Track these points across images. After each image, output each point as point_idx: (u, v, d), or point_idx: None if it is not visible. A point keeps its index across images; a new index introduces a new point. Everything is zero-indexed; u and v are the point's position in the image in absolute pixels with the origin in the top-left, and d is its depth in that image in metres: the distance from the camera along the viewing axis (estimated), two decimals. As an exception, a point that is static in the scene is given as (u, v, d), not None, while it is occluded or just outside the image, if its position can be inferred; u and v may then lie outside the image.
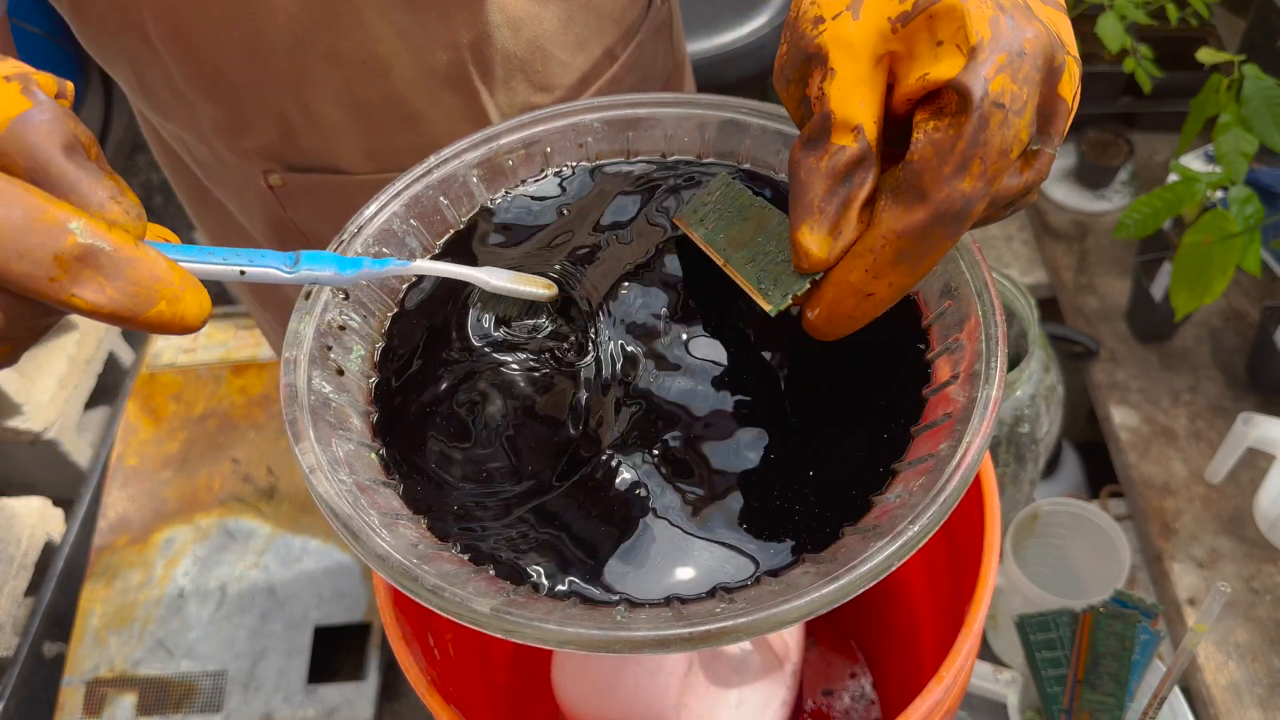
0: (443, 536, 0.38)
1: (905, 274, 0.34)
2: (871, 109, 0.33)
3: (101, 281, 0.27)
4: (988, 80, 0.31)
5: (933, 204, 0.32)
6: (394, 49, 0.54)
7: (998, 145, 0.32)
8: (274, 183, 0.62)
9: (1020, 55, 0.32)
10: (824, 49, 0.33)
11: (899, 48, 0.33)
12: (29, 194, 0.26)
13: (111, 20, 0.53)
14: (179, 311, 0.28)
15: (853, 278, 0.34)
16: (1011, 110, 0.31)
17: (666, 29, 0.70)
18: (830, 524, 0.38)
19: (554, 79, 0.61)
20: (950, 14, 0.32)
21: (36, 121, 0.27)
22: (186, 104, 0.58)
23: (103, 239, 0.27)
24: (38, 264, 0.26)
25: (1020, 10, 0.32)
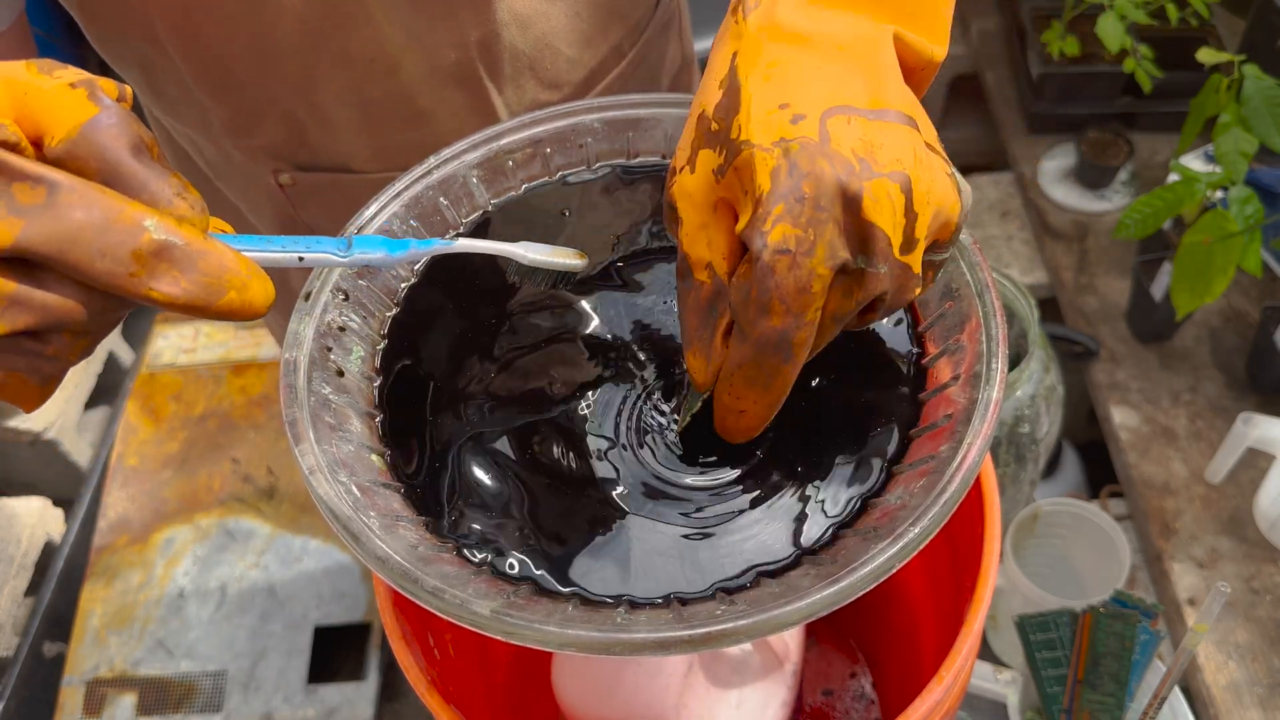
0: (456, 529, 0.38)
1: (760, 395, 0.36)
2: (719, 247, 0.36)
3: (176, 274, 0.29)
4: (765, 233, 0.33)
5: (751, 341, 0.34)
6: (402, 47, 0.54)
7: (791, 286, 0.33)
8: (283, 182, 0.62)
9: (799, 201, 0.33)
10: (673, 200, 0.37)
11: (727, 194, 0.35)
12: (105, 195, 0.27)
13: (121, 21, 0.53)
14: (247, 299, 0.30)
15: (724, 398, 0.37)
16: (799, 252, 0.33)
17: (675, 25, 0.70)
18: (831, 525, 0.38)
19: (562, 76, 0.61)
20: (745, 167, 0.34)
21: (105, 125, 0.29)
22: (196, 104, 0.58)
23: (175, 234, 0.28)
24: (118, 261, 0.28)
25: (808, 151, 0.33)
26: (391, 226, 0.46)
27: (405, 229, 0.46)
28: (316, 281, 0.43)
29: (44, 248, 0.27)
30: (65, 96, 0.29)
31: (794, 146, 0.33)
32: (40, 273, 0.28)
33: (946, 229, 0.36)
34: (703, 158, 0.36)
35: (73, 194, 0.27)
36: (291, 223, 0.66)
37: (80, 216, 0.27)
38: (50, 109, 0.29)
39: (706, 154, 0.36)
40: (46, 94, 0.29)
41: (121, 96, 0.30)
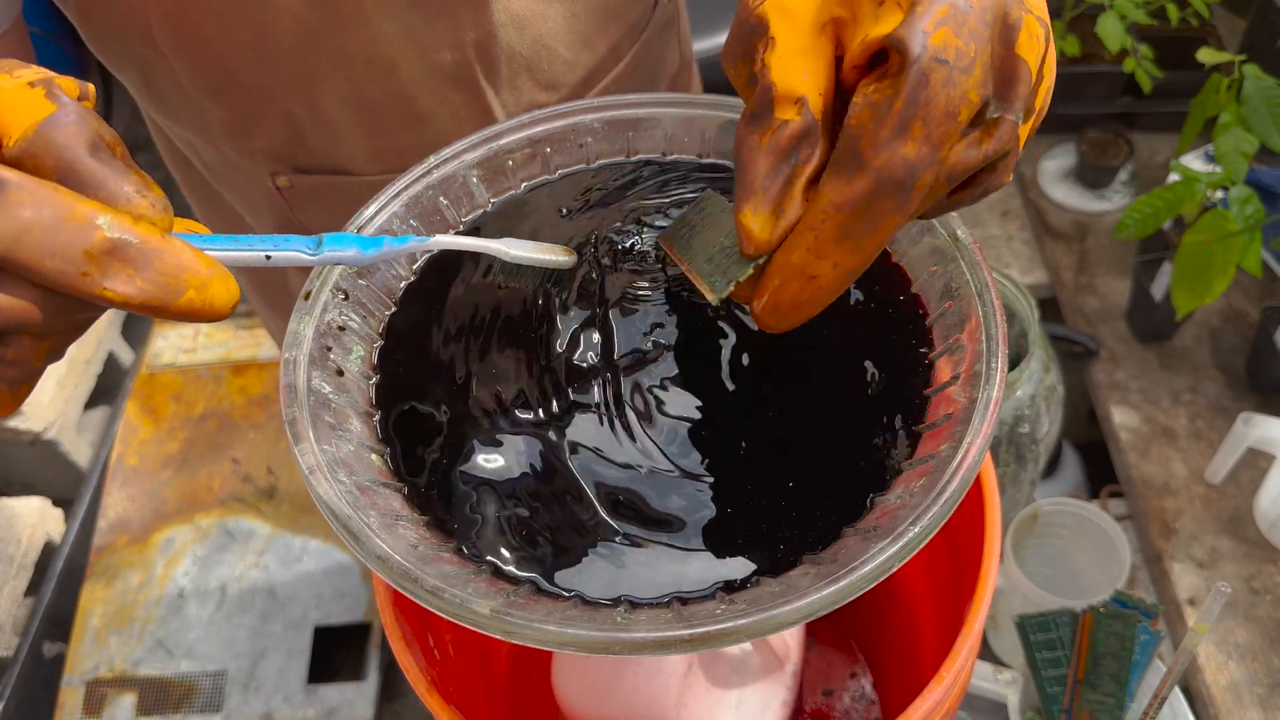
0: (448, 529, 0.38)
1: (850, 252, 0.31)
2: (817, 79, 0.31)
3: (131, 273, 0.28)
4: (926, 34, 0.28)
5: (872, 171, 0.29)
6: (399, 48, 0.54)
7: (942, 105, 0.29)
8: (282, 184, 0.62)
9: (965, 8, 0.29)
10: (765, 18, 0.31)
11: (842, 13, 0.30)
12: (57, 193, 0.27)
13: (118, 23, 0.53)
14: (207, 298, 0.29)
15: (794, 259, 0.32)
16: (956, 67, 0.29)
17: (673, 27, 0.70)
18: (831, 525, 0.38)
19: (559, 77, 0.61)
20: None
21: (62, 123, 0.28)
22: (194, 106, 0.58)
23: (129, 232, 0.27)
24: (69, 260, 0.27)
25: None
26: (391, 226, 0.46)
27: (405, 228, 0.46)
28: (316, 281, 0.43)
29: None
30: (23, 95, 0.28)
31: None
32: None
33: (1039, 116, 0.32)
34: None
35: (21, 191, 0.26)
36: (290, 225, 0.66)
37: (29, 215, 0.26)
38: (8, 107, 0.28)
39: None
40: (5, 92, 0.28)
41: (83, 95, 0.30)
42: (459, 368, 0.44)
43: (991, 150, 0.31)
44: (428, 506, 0.39)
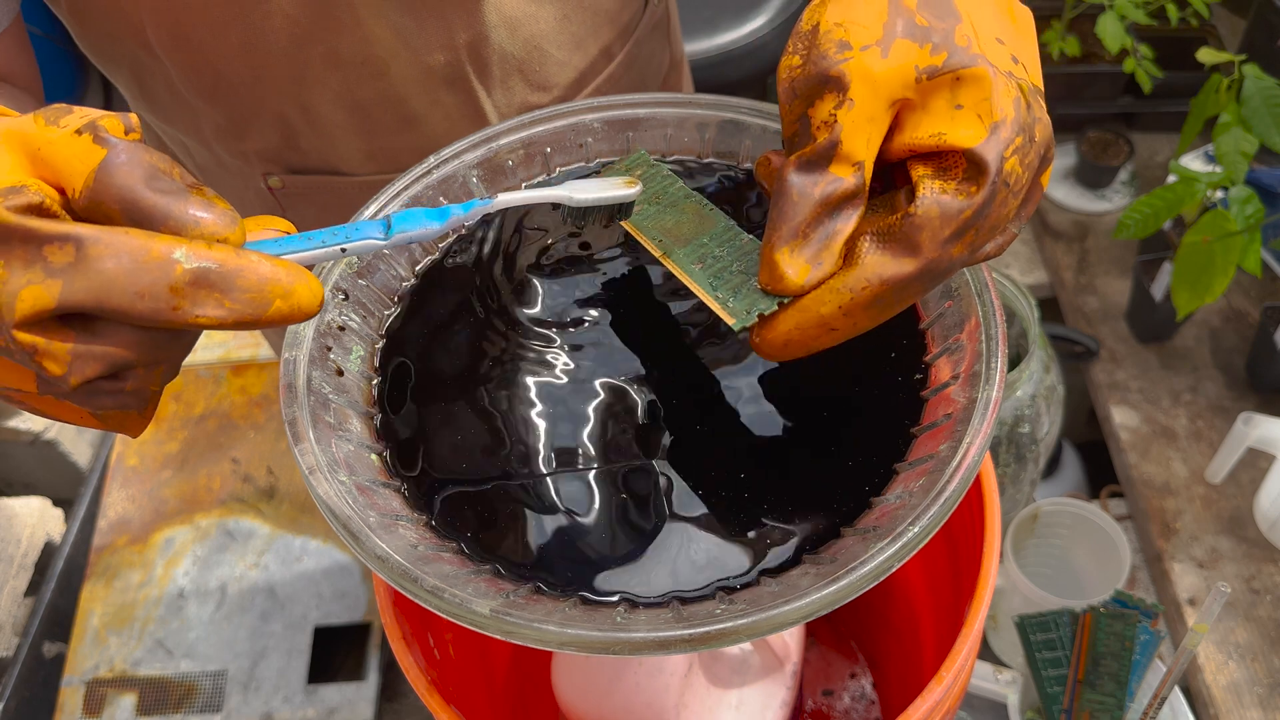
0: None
1: (873, 318, 0.34)
2: (874, 149, 0.33)
3: (218, 297, 0.29)
4: (1004, 159, 0.32)
5: (924, 260, 0.33)
6: (391, 50, 0.54)
7: (993, 220, 0.33)
8: (274, 184, 0.62)
9: (1030, 141, 0.33)
10: (846, 77, 0.33)
11: (915, 98, 0.33)
12: (131, 237, 0.28)
13: (111, 25, 0.53)
14: (294, 304, 0.30)
15: (824, 310, 0.34)
16: (1013, 191, 0.33)
17: (663, 27, 0.70)
18: (830, 524, 0.38)
19: (551, 78, 0.61)
20: (978, 82, 0.32)
21: (116, 165, 0.29)
22: (187, 108, 0.58)
23: (207, 259, 0.28)
24: (157, 299, 0.28)
25: (1035, 98, 0.34)
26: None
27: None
28: (316, 281, 0.43)
29: (85, 302, 0.27)
30: (74, 145, 0.29)
31: (1025, 86, 0.33)
32: (94, 323, 0.29)
33: None
34: (903, 48, 0.32)
35: (98, 245, 0.27)
36: None
37: (111, 266, 0.27)
38: (64, 160, 0.29)
39: (908, 46, 0.33)
40: (57, 145, 0.29)
41: (129, 128, 0.30)
42: (459, 368, 0.44)
43: (994, 252, 0.35)
44: (426, 507, 0.39)
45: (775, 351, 0.36)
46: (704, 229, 0.40)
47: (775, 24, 1.23)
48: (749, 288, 0.37)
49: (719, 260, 0.39)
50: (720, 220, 0.41)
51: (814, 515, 0.38)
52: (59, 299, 0.27)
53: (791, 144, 0.35)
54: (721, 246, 0.39)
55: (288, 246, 0.32)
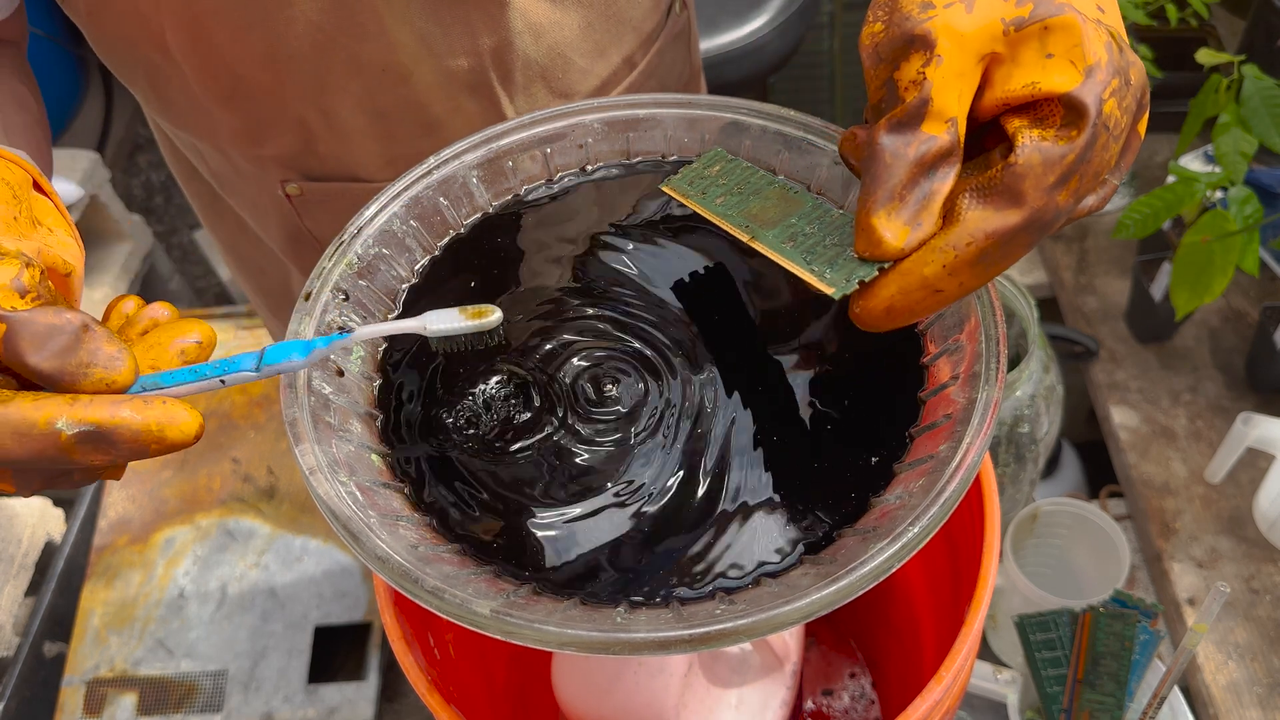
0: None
1: (980, 275, 0.33)
2: (965, 104, 0.33)
3: (105, 447, 0.32)
4: (1102, 101, 0.31)
5: (1029, 210, 0.32)
6: (415, 56, 0.54)
7: (1095, 165, 0.32)
8: (291, 191, 0.62)
9: (1126, 84, 0.32)
10: (932, 34, 0.32)
11: (1003, 51, 0.32)
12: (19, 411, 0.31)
13: (129, 30, 0.53)
14: (167, 445, 0.33)
15: (928, 271, 0.33)
16: (1113, 135, 0.32)
17: (685, 37, 0.70)
18: (830, 525, 0.38)
19: (574, 85, 0.61)
20: (1068, 30, 0.32)
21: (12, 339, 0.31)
22: (204, 113, 0.58)
23: (85, 424, 0.31)
24: (53, 458, 0.31)
25: (1124, 43, 0.33)
26: (392, 227, 0.46)
27: (405, 229, 0.46)
28: (316, 282, 0.43)
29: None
30: None
31: (1115, 33, 0.33)
32: None
33: None
34: (987, 2, 0.32)
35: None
36: (297, 233, 0.65)
37: (7, 439, 0.31)
38: None
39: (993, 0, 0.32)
40: None
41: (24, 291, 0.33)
42: (460, 368, 0.44)
43: (1096, 204, 0.34)
44: (427, 507, 0.39)
45: (878, 319, 0.35)
46: (791, 210, 0.40)
47: (775, 24, 1.23)
48: (845, 258, 0.36)
49: (810, 237, 0.38)
50: (808, 200, 0.40)
51: (814, 515, 0.38)
52: None
53: (878, 110, 0.34)
54: (811, 224, 0.39)
55: (172, 382, 0.35)
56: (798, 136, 0.47)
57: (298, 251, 0.67)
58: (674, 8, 0.67)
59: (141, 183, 2.04)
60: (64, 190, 1.45)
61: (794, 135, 0.48)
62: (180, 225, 1.98)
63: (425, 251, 0.47)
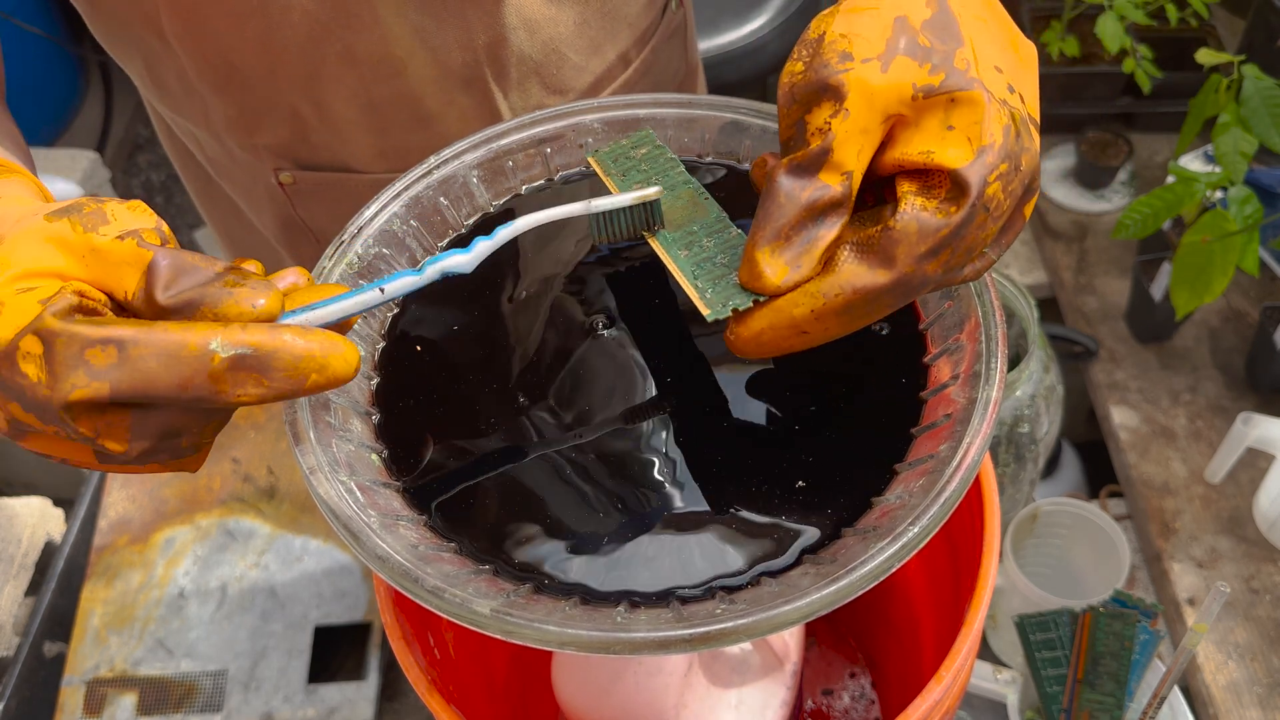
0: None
1: (844, 325, 0.35)
2: (864, 161, 0.34)
3: (257, 378, 0.30)
4: (987, 183, 0.32)
5: (896, 274, 0.33)
6: (409, 49, 0.54)
7: (969, 243, 0.33)
8: (284, 180, 0.62)
9: (1016, 170, 0.33)
10: (844, 87, 0.33)
11: (909, 114, 0.34)
12: (169, 333, 0.30)
13: (124, 12, 0.53)
14: (329, 376, 0.31)
15: (796, 313, 0.35)
16: (992, 216, 0.33)
17: (681, 34, 0.70)
18: (830, 525, 0.38)
19: (568, 82, 0.61)
20: (972, 106, 0.33)
21: (160, 267, 0.31)
22: (198, 99, 0.58)
23: (243, 345, 0.30)
24: (199, 388, 0.30)
25: (1025, 127, 0.34)
26: (392, 226, 0.46)
27: (405, 229, 0.46)
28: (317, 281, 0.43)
29: (133, 396, 0.29)
30: (120, 251, 0.31)
31: (1016, 116, 0.34)
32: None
33: None
34: (903, 64, 0.33)
35: (138, 345, 0.29)
36: (290, 222, 0.66)
37: (152, 364, 0.29)
38: (114, 265, 0.31)
39: (908, 63, 0.33)
40: (103, 252, 0.31)
41: (164, 239, 0.32)
42: (460, 368, 0.44)
43: (970, 275, 0.36)
44: (426, 507, 0.39)
45: (747, 348, 0.36)
46: (695, 216, 0.41)
47: (775, 24, 1.23)
48: (728, 281, 0.37)
49: (704, 250, 0.39)
50: (713, 210, 0.41)
51: (814, 515, 0.38)
52: (109, 394, 0.29)
53: (786, 147, 0.35)
54: (710, 237, 0.40)
55: (323, 309, 0.33)
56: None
57: (291, 240, 0.67)
58: (670, 4, 0.67)
59: (141, 183, 2.04)
60: (64, 190, 1.45)
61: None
62: (180, 225, 1.98)
63: (425, 251, 0.47)
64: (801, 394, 0.42)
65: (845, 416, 0.41)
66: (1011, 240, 0.36)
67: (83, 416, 0.30)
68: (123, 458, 0.31)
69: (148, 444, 0.31)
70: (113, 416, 0.30)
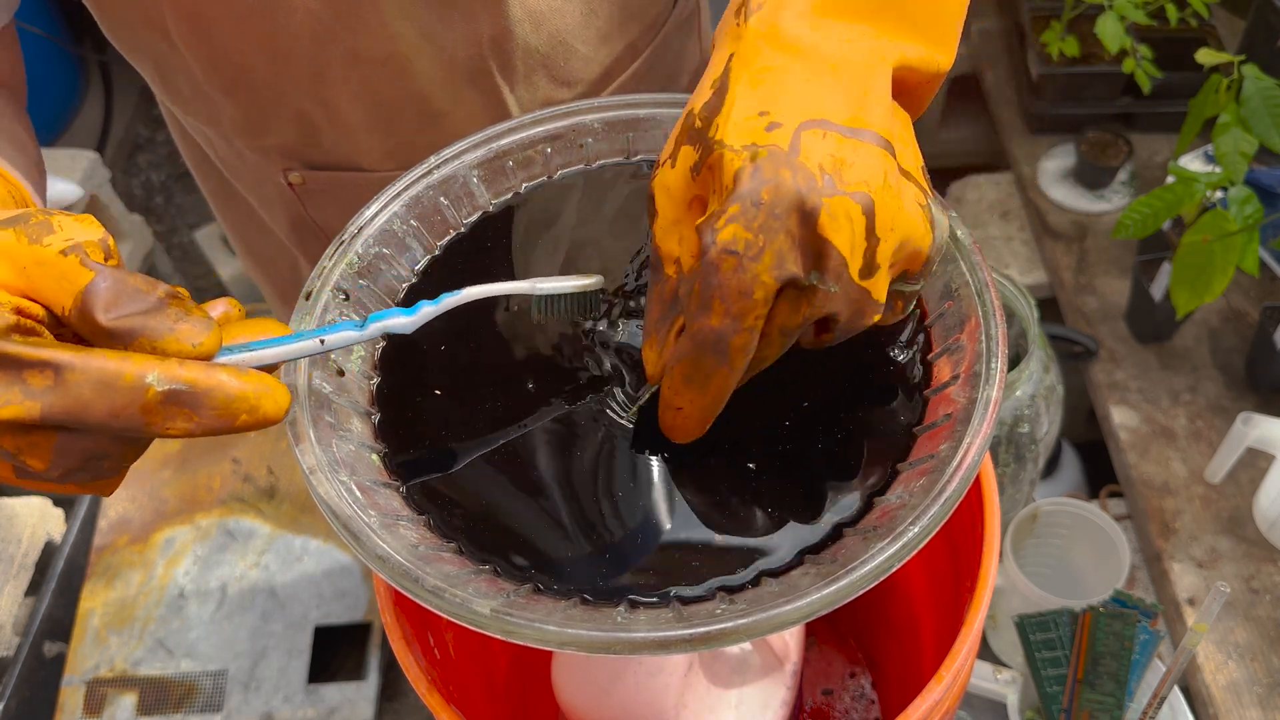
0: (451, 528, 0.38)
1: (696, 395, 0.36)
2: (689, 245, 0.36)
3: (188, 413, 0.30)
4: (716, 230, 0.33)
5: (690, 336, 0.35)
6: (414, 46, 0.54)
7: (734, 287, 0.33)
8: (294, 180, 0.62)
9: (755, 205, 0.33)
10: (652, 192, 0.38)
11: (701, 192, 0.36)
12: (108, 361, 0.30)
13: (133, 17, 0.53)
14: (259, 417, 0.32)
15: (665, 391, 0.37)
16: (745, 256, 0.33)
17: (692, 23, 0.69)
18: (831, 524, 0.38)
19: (576, 74, 0.61)
20: (716, 165, 0.35)
21: (100, 290, 0.30)
22: (208, 101, 0.58)
23: (177, 381, 0.30)
24: (130, 418, 0.30)
25: (774, 159, 0.34)
26: (392, 226, 0.46)
27: (406, 229, 0.46)
28: (317, 281, 0.43)
29: (64, 420, 0.29)
30: (61, 265, 0.31)
31: (762, 153, 0.34)
32: None
33: (916, 260, 0.37)
34: (683, 154, 0.36)
35: (74, 370, 0.29)
36: (301, 221, 0.66)
37: (86, 391, 0.29)
38: (53, 279, 0.31)
39: (687, 150, 0.36)
40: (45, 266, 0.31)
41: (108, 255, 0.32)
42: (461, 369, 0.44)
43: (811, 313, 0.35)
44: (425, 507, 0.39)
45: (667, 432, 0.39)
46: None
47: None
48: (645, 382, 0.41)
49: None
50: None
51: (815, 515, 0.38)
52: (39, 418, 0.29)
53: None
54: None
55: (261, 351, 0.33)
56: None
57: (303, 240, 0.67)
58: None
59: (141, 183, 2.04)
60: (64, 190, 1.45)
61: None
62: (180, 225, 1.98)
63: (426, 251, 0.47)
64: (802, 394, 0.42)
65: (846, 417, 0.41)
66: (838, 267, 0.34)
67: (7, 434, 0.30)
68: (42, 476, 0.31)
69: (71, 465, 0.31)
70: (38, 437, 0.30)
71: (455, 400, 0.43)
